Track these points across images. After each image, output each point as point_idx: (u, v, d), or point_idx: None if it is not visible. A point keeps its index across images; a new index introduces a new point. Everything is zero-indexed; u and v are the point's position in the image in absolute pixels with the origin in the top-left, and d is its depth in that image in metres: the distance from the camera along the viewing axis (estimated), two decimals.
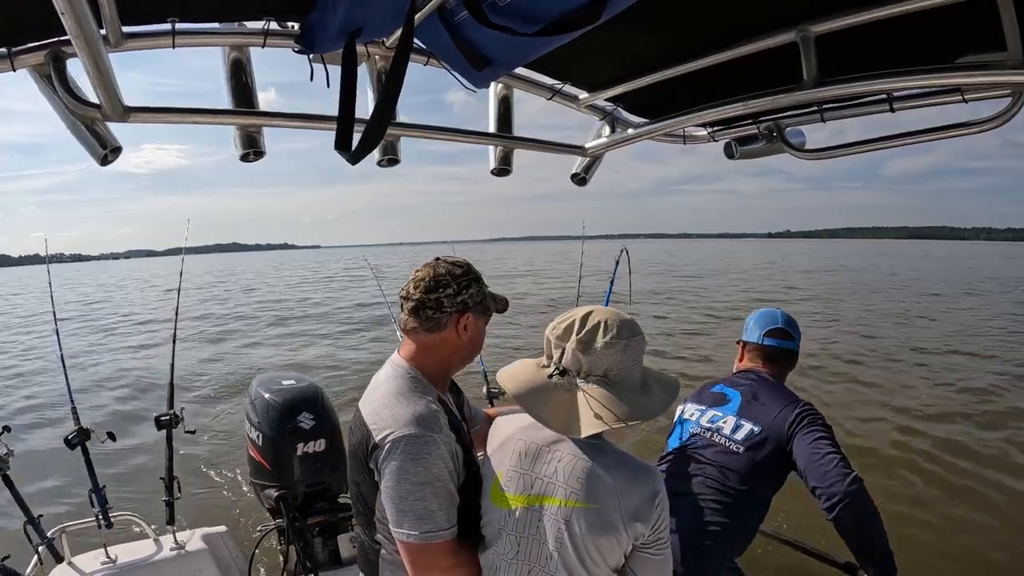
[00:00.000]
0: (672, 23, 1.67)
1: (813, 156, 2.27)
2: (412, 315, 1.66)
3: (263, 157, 1.87)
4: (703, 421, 2.38)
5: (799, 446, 2.12)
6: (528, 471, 1.46)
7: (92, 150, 1.64)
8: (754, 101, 1.86)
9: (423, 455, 1.48)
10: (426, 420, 1.53)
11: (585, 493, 1.37)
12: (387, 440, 1.50)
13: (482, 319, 1.74)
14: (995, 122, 1.79)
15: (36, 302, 29.85)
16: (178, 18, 1.49)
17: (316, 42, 1.48)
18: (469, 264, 1.74)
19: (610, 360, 1.39)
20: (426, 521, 1.47)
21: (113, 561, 2.82)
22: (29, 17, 1.35)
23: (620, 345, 1.40)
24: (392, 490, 1.49)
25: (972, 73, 1.49)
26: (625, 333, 1.41)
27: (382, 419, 1.55)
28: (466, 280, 1.68)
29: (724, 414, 2.35)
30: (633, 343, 1.42)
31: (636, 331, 1.44)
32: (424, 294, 1.64)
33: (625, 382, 1.42)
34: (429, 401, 1.59)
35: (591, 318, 1.42)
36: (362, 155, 1.31)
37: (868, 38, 1.58)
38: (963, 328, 16.95)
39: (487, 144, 2.33)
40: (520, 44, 1.26)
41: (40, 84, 1.55)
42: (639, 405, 1.40)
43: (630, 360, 1.42)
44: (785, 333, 2.51)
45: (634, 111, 2.36)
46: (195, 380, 11.55)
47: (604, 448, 1.45)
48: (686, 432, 2.42)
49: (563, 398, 1.41)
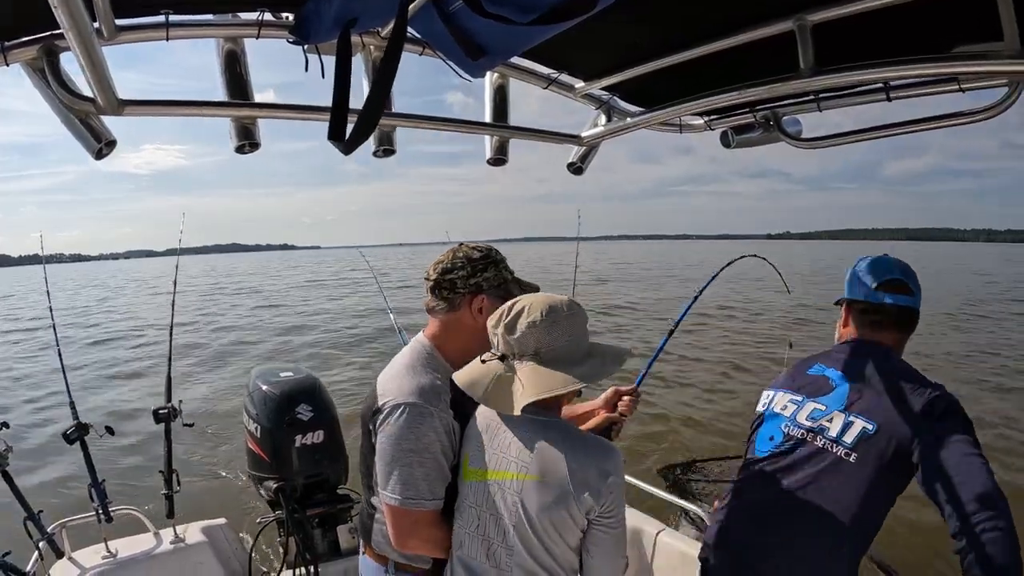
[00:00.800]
0: (668, 11, 1.67)
1: (809, 145, 2.27)
2: (431, 294, 1.77)
3: (258, 149, 1.87)
4: (801, 418, 1.85)
5: (930, 450, 1.59)
6: (489, 446, 1.55)
7: (87, 144, 1.64)
8: (751, 90, 1.86)
9: (416, 424, 1.57)
10: (427, 392, 1.61)
11: (536, 467, 1.44)
12: (387, 405, 1.61)
13: (501, 302, 1.70)
14: (992, 111, 1.79)
15: (24, 304, 29.84)
16: (172, 10, 1.48)
17: (311, 32, 1.47)
18: (491, 249, 1.80)
19: (537, 339, 1.45)
20: (408, 487, 1.57)
21: (113, 555, 2.82)
22: (22, 11, 1.34)
23: (544, 324, 1.45)
24: (382, 453, 1.61)
25: (969, 63, 1.49)
26: (549, 313, 1.46)
27: (388, 388, 1.66)
28: (482, 263, 1.75)
29: (829, 408, 1.81)
30: (560, 321, 1.46)
31: (563, 311, 1.48)
32: (440, 275, 1.74)
33: (559, 357, 1.47)
34: (436, 377, 1.67)
35: (516, 305, 1.50)
36: (355, 145, 1.30)
37: (865, 27, 1.58)
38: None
39: (483, 134, 2.32)
40: (516, 33, 1.26)
41: (34, 78, 1.54)
42: (572, 374, 1.45)
43: (560, 337, 1.46)
44: (902, 286, 1.90)
45: (630, 100, 2.35)
46: (193, 373, 11.57)
47: (556, 423, 1.52)
48: (777, 432, 1.89)
49: (504, 380, 1.47)
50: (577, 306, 1.53)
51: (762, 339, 15.11)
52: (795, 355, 2.29)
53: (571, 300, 1.53)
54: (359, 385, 10.23)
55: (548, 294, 1.56)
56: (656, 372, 11.59)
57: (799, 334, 15.00)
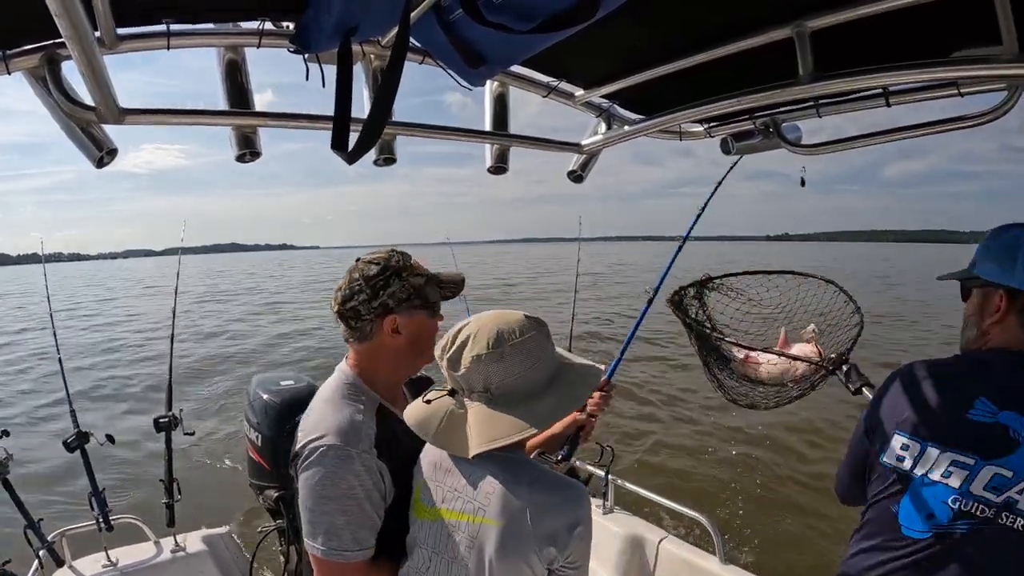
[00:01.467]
0: (668, 19, 1.67)
1: (809, 151, 2.27)
2: (342, 325, 1.62)
3: (259, 157, 1.87)
4: (978, 488, 1.32)
5: None
6: (442, 482, 1.40)
7: (88, 152, 1.64)
8: (750, 96, 1.86)
9: (333, 469, 1.43)
10: (346, 431, 1.46)
11: (494, 511, 1.28)
12: (305, 448, 1.46)
13: (419, 314, 1.61)
14: (991, 116, 1.80)
15: (24, 303, 29.81)
16: (173, 19, 1.49)
17: (311, 42, 1.47)
18: (390, 257, 1.61)
19: (484, 375, 1.29)
20: (331, 537, 1.42)
21: (114, 564, 2.81)
22: (23, 19, 1.34)
23: (492, 356, 1.27)
24: (303, 500, 1.46)
25: (967, 67, 1.49)
26: (497, 342, 1.28)
27: (307, 425, 1.52)
28: (382, 279, 1.57)
29: (1019, 472, 1.29)
30: (511, 350, 1.28)
31: (516, 337, 1.29)
32: (341, 305, 1.58)
33: (514, 393, 1.30)
34: (356, 411, 1.52)
35: (461, 333, 1.33)
36: (359, 154, 1.31)
37: (864, 33, 1.58)
38: None
39: (484, 142, 2.32)
40: (515, 42, 1.26)
41: (35, 87, 1.55)
42: (529, 415, 1.29)
43: (513, 369, 1.29)
44: None
45: (630, 107, 2.35)
46: (193, 381, 11.56)
47: (518, 462, 1.36)
48: (942, 508, 1.36)
49: (456, 418, 1.34)
50: (535, 326, 1.34)
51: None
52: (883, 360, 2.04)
53: (527, 319, 1.34)
54: None
55: (499, 314, 1.35)
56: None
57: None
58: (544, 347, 1.34)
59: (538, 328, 1.34)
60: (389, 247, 1.65)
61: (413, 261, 1.64)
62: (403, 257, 1.63)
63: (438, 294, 1.65)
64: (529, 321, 1.34)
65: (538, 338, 1.32)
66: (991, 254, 1.48)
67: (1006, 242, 1.46)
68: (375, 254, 1.63)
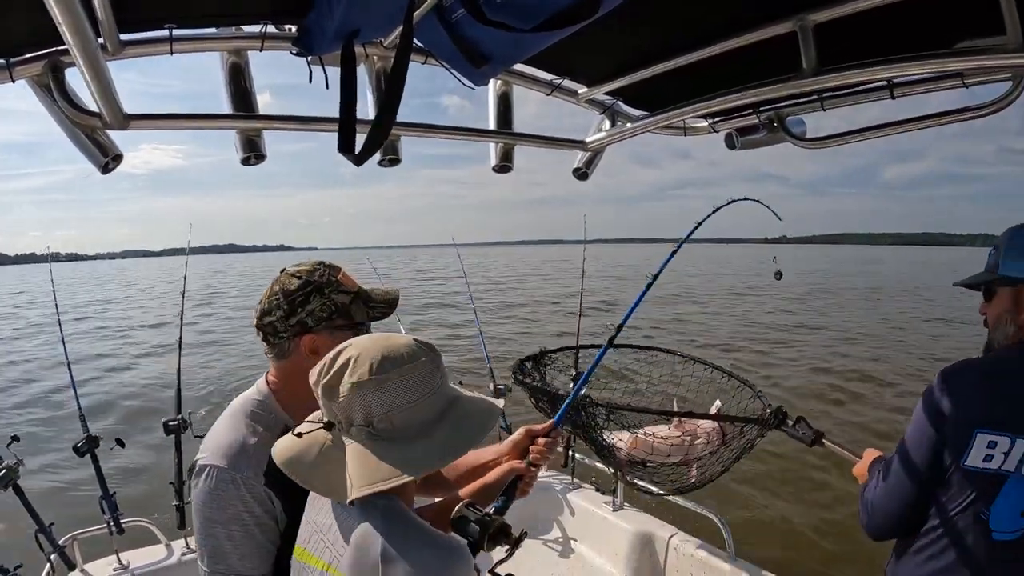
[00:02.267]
0: (670, 15, 1.67)
1: (814, 145, 2.27)
2: (262, 340, 1.51)
3: (264, 160, 1.88)
4: None
5: None
6: (313, 520, 1.24)
7: (93, 159, 1.65)
8: (754, 91, 1.86)
9: (219, 492, 1.36)
10: (236, 455, 1.39)
11: (346, 564, 1.10)
12: (196, 463, 1.41)
13: (342, 335, 1.46)
14: (996, 106, 1.79)
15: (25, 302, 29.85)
16: (175, 24, 1.49)
17: (314, 44, 1.48)
18: (312, 271, 1.49)
19: (365, 405, 1.10)
20: (218, 560, 1.37)
21: (125, 567, 2.82)
22: (27, 28, 1.35)
23: (373, 384, 1.09)
24: (194, 518, 1.40)
25: (971, 58, 1.49)
26: (380, 367, 1.10)
27: (205, 442, 1.45)
28: (301, 295, 1.45)
29: None
30: (399, 378, 1.11)
31: (403, 362, 1.12)
32: (259, 319, 1.48)
33: (398, 428, 1.12)
34: (252, 433, 1.43)
35: (340, 356, 1.14)
36: (367, 156, 1.31)
37: (867, 25, 1.58)
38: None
39: (488, 141, 2.32)
40: (518, 40, 1.26)
41: (39, 94, 1.55)
42: (410, 456, 1.10)
43: (400, 399, 1.11)
44: None
45: (634, 104, 2.35)
46: (202, 384, 11.59)
47: (390, 513, 1.13)
48: (1015, 514, 1.40)
49: (333, 458, 1.14)
50: (424, 352, 1.17)
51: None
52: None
53: (416, 344, 1.17)
54: None
55: (385, 337, 1.17)
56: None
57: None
58: (434, 377, 1.16)
59: (428, 355, 1.17)
60: (389, 247, 1.60)
61: (340, 276, 1.52)
62: (329, 271, 1.51)
63: (365, 313, 1.53)
64: (418, 346, 1.17)
65: (428, 366, 1.15)
66: (1018, 255, 1.57)
67: (1021, 247, 1.57)
68: (300, 266, 1.51)
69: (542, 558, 3.04)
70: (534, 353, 2.69)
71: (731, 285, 34.48)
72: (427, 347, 1.19)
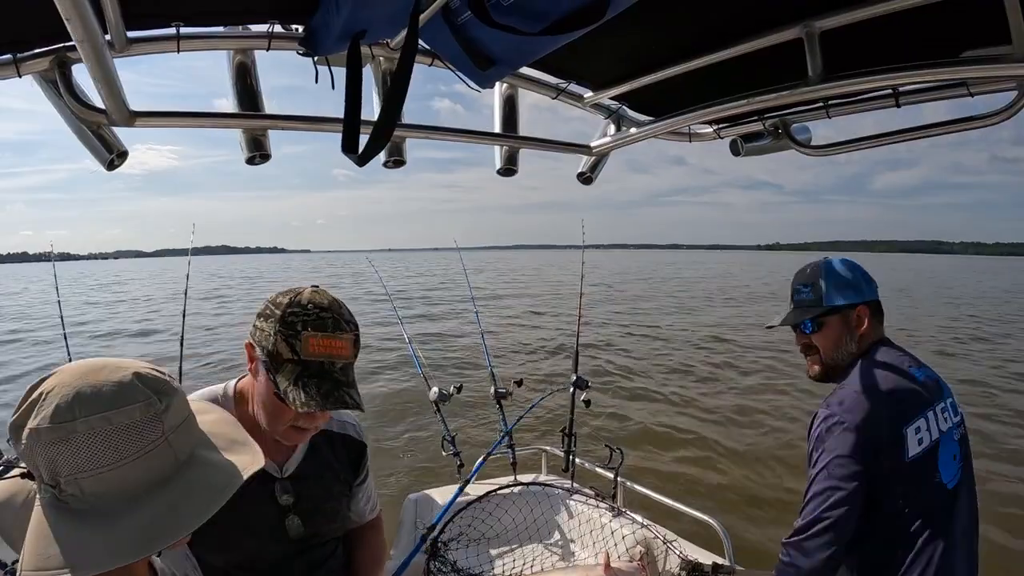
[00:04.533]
0: (677, 20, 1.67)
1: (819, 152, 2.26)
2: None
3: (269, 160, 1.88)
4: (950, 421, 1.79)
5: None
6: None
7: (99, 155, 1.65)
8: (759, 98, 1.86)
9: None
10: None
11: None
12: None
13: (271, 379, 1.33)
14: (1002, 115, 1.79)
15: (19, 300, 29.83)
16: (182, 22, 1.49)
17: (320, 44, 1.48)
18: (301, 307, 1.33)
19: (48, 459, 0.80)
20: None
21: None
22: (34, 23, 1.35)
23: (51, 433, 0.79)
24: None
25: (977, 67, 1.49)
26: (69, 411, 0.80)
27: None
28: (268, 310, 1.36)
29: (950, 405, 1.82)
30: (90, 429, 0.80)
31: (108, 403, 0.82)
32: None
33: (87, 496, 0.82)
34: None
35: (41, 385, 0.84)
36: (370, 156, 1.31)
37: (873, 33, 1.58)
38: None
39: (493, 144, 2.33)
40: (524, 43, 1.26)
41: (46, 90, 1.55)
42: (78, 544, 0.80)
43: (93, 457, 0.80)
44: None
45: (639, 109, 2.35)
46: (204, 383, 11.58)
47: None
48: (954, 446, 1.78)
49: (33, 515, 0.84)
50: (143, 391, 0.85)
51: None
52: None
53: (135, 379, 0.86)
54: (369, 410, 10.22)
55: (95, 366, 0.86)
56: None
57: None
58: (152, 428, 0.85)
59: (149, 397, 0.85)
60: (383, 250, 1.49)
61: (313, 338, 1.30)
62: (310, 323, 1.31)
63: (291, 389, 1.30)
64: (136, 383, 0.86)
65: (144, 413, 0.84)
66: (838, 287, 1.90)
67: (842, 275, 1.92)
68: (317, 293, 1.39)
69: (539, 562, 3.03)
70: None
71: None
72: (152, 383, 0.87)
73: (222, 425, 1.04)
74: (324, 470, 1.63)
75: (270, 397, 1.35)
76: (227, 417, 1.08)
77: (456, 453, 3.53)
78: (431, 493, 3.43)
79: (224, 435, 1.01)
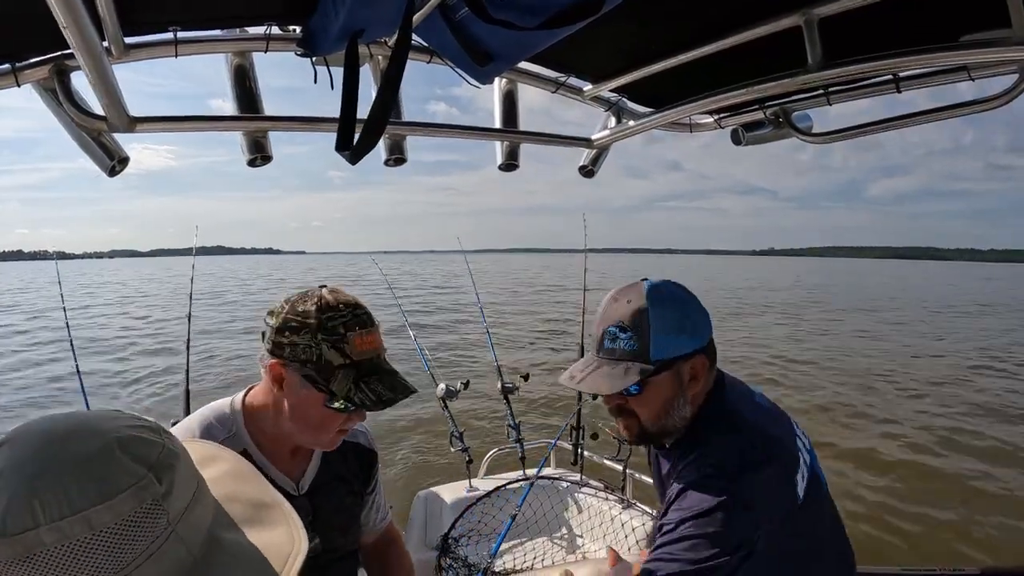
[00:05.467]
0: (674, 11, 1.66)
1: (821, 140, 2.26)
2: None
3: (270, 161, 1.88)
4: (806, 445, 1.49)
5: None
6: None
7: (100, 162, 1.65)
8: (759, 86, 1.85)
9: None
10: None
11: None
12: None
13: (309, 390, 1.27)
14: (1002, 99, 1.78)
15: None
16: (180, 27, 1.49)
17: (318, 45, 1.48)
18: (332, 308, 1.27)
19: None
20: None
21: None
22: (31, 31, 1.35)
23: (14, 548, 0.55)
24: None
25: (977, 51, 1.48)
26: (36, 513, 0.55)
27: None
28: (297, 322, 1.26)
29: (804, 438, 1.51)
30: (64, 532, 0.55)
31: (95, 494, 0.57)
32: (266, 314, 1.34)
33: None
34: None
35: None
36: (362, 154, 1.31)
37: (872, 19, 1.57)
38: None
39: (494, 139, 2.32)
40: (522, 38, 1.26)
41: (45, 98, 1.56)
42: None
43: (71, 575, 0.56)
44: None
45: (639, 101, 2.34)
46: (210, 384, 11.62)
47: None
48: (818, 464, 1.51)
49: None
50: (140, 467, 0.60)
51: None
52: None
53: (124, 447, 0.61)
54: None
55: (50, 430, 0.61)
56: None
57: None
58: (151, 524, 0.60)
59: (141, 478, 0.60)
60: (378, 252, 1.46)
61: (358, 335, 1.27)
62: (347, 321, 1.27)
63: (348, 391, 1.25)
64: (124, 457, 0.60)
65: (137, 502, 0.59)
66: (668, 330, 1.37)
67: (672, 313, 1.39)
68: (335, 293, 1.32)
69: (549, 555, 3.03)
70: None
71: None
72: (143, 452, 0.62)
73: (239, 482, 0.80)
74: (337, 482, 1.57)
75: (317, 410, 1.28)
76: (241, 467, 0.86)
77: (464, 449, 3.54)
78: (439, 490, 3.43)
79: (244, 498, 0.77)
